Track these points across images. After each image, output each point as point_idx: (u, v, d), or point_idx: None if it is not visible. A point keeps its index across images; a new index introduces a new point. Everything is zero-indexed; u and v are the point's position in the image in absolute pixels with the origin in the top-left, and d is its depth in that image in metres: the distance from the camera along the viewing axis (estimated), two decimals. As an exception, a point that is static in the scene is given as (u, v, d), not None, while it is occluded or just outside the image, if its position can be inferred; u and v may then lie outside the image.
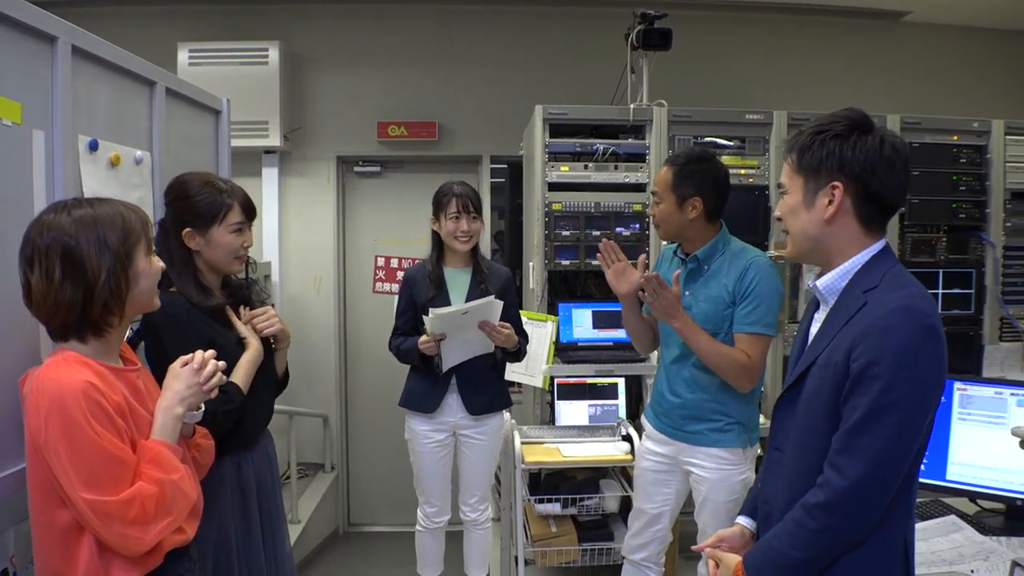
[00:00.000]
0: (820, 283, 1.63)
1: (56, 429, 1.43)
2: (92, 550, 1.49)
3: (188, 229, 2.12)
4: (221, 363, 1.71)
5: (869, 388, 1.44)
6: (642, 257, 2.62)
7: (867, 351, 1.44)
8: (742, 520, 1.83)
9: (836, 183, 1.55)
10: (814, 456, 1.54)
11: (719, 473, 2.57)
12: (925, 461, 2.34)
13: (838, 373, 1.49)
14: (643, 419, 2.87)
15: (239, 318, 2.24)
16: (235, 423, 2.07)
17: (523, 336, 3.24)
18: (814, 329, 1.66)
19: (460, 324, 2.96)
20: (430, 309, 2.95)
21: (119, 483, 1.47)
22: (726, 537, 1.80)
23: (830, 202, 1.55)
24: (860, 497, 1.45)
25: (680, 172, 2.58)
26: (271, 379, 2.33)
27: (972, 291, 3.97)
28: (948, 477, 2.39)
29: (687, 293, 2.62)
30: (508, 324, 3.04)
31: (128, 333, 1.74)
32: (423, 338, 3.01)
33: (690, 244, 2.64)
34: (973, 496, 2.40)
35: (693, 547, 1.87)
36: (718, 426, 2.56)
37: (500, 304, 2.98)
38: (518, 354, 3.21)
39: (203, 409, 1.76)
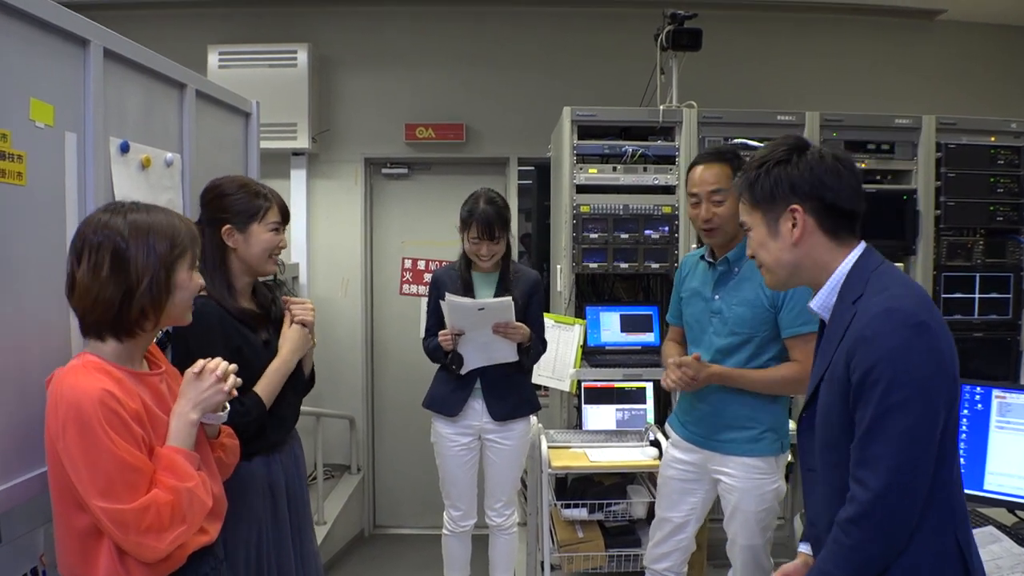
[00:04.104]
0: (813, 304, 1.66)
1: (73, 436, 1.44)
2: (112, 553, 1.50)
3: (228, 226, 2.15)
4: (233, 366, 1.70)
5: (871, 396, 1.44)
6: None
7: (861, 361, 1.46)
8: (803, 548, 1.82)
9: (794, 206, 1.59)
10: (842, 471, 1.52)
11: (751, 482, 2.52)
12: (961, 470, 2.31)
13: (842, 386, 1.51)
14: (667, 427, 2.83)
15: (270, 324, 2.25)
16: (256, 430, 2.09)
17: (542, 343, 3.22)
18: (821, 346, 1.69)
19: (476, 321, 2.96)
20: (447, 295, 2.98)
21: (134, 491, 1.47)
22: (790, 572, 1.78)
23: (793, 225, 1.60)
24: (887, 505, 1.43)
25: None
26: (298, 381, 2.33)
27: (1010, 296, 3.88)
28: (986, 487, 2.33)
29: (716, 297, 2.58)
30: (520, 324, 3.03)
31: (159, 334, 1.75)
32: (442, 331, 3.03)
33: (722, 247, 2.59)
34: (1011, 507, 2.34)
35: None
36: (751, 435, 2.52)
37: (512, 306, 2.98)
38: (534, 357, 3.21)
39: (228, 410, 1.76)
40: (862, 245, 1.61)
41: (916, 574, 1.47)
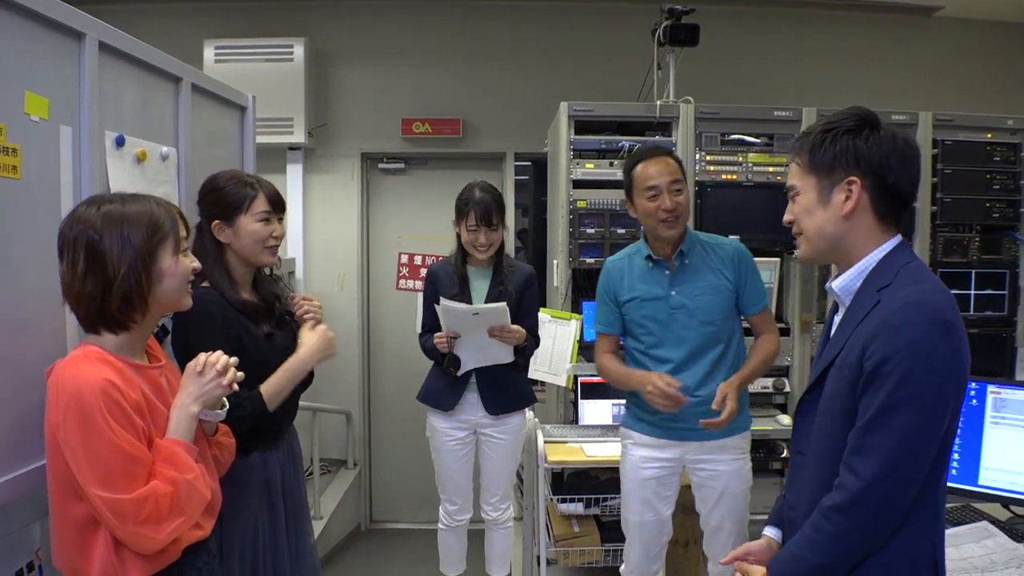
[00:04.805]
0: (835, 285, 1.62)
1: (74, 425, 1.44)
2: (108, 544, 1.50)
3: (217, 221, 2.15)
4: (234, 359, 1.70)
5: (882, 385, 1.41)
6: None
7: (879, 348, 1.42)
8: (769, 532, 1.78)
9: (853, 178, 1.53)
10: (834, 460, 1.50)
11: (735, 464, 2.61)
12: (956, 466, 2.32)
13: (853, 373, 1.47)
14: (625, 430, 2.74)
15: (273, 318, 2.25)
16: (250, 428, 2.06)
17: (535, 339, 3.22)
18: (834, 331, 1.65)
19: (471, 325, 2.96)
20: (442, 299, 2.98)
21: (133, 481, 1.47)
22: (753, 550, 1.75)
23: (847, 198, 1.54)
24: (876, 497, 1.42)
25: None
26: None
27: (1005, 292, 3.89)
28: (980, 482, 2.33)
29: (673, 293, 2.58)
30: (517, 327, 3.03)
31: (156, 327, 1.75)
32: (438, 334, 3.03)
33: (673, 243, 2.59)
34: (1006, 502, 2.34)
35: (721, 561, 1.85)
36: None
37: (507, 312, 2.97)
38: (529, 355, 3.22)
39: (227, 407, 1.76)
40: (898, 237, 1.58)
41: (891, 571, 1.46)
